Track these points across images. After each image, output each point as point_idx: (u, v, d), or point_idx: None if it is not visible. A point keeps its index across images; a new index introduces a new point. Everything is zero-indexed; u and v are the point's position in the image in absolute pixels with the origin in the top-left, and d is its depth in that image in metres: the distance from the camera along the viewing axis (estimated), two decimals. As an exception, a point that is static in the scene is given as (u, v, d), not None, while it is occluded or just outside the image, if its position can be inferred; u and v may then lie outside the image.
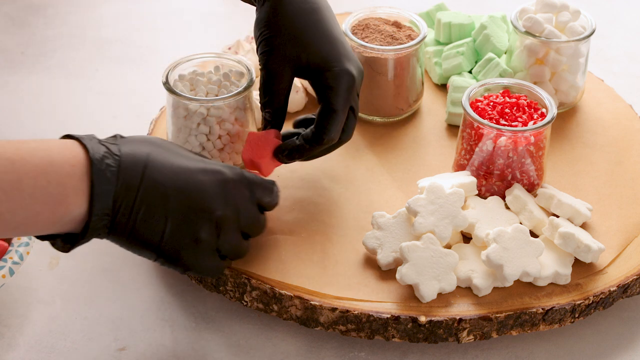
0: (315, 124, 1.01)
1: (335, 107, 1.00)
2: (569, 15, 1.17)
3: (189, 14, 1.47)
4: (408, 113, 1.18)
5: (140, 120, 1.23)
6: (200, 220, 0.89)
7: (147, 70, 1.33)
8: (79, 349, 0.97)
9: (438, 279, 0.96)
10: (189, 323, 0.99)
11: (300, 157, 1.03)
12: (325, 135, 1.01)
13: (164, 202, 0.88)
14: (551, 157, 1.11)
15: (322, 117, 1.01)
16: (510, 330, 0.96)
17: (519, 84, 1.09)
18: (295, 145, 1.02)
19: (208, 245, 0.90)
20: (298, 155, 1.02)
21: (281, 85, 1.02)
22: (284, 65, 1.01)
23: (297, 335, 0.98)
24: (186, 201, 0.89)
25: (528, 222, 1.02)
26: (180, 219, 0.88)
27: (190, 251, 0.90)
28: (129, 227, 0.87)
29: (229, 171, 0.92)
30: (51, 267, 1.05)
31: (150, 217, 0.88)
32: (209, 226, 0.90)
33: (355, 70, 1.01)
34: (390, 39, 1.15)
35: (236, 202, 0.91)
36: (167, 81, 1.06)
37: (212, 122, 1.06)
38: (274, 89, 1.02)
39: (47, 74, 1.33)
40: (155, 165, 0.88)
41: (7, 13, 1.44)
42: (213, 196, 0.90)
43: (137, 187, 0.87)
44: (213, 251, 0.91)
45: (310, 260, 1.00)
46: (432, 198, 0.99)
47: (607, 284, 0.99)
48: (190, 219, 0.89)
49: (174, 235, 0.89)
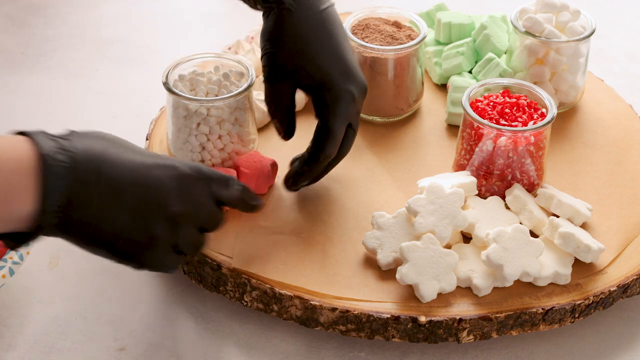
0: (312, 143, 1.02)
1: (332, 127, 1.01)
2: (569, 15, 1.17)
3: (189, 14, 1.47)
4: (408, 113, 1.18)
5: (140, 120, 1.23)
6: (156, 217, 0.87)
7: (147, 70, 1.33)
8: (79, 349, 0.97)
9: (438, 279, 0.96)
10: (189, 323, 0.99)
11: (304, 180, 1.04)
12: (321, 154, 1.01)
13: (120, 197, 0.85)
14: (551, 157, 1.11)
15: (319, 136, 1.01)
16: (510, 330, 0.96)
17: (519, 84, 1.09)
18: (296, 171, 1.03)
19: (163, 241, 0.88)
20: (301, 179, 1.03)
21: (282, 101, 1.03)
22: (283, 81, 1.02)
23: (297, 335, 0.98)
24: (142, 197, 0.86)
25: (528, 222, 1.02)
26: (136, 215, 0.86)
27: (146, 248, 0.87)
28: (82, 224, 0.84)
29: (185, 166, 0.90)
30: (51, 267, 1.05)
31: (105, 214, 0.85)
32: (165, 222, 0.87)
33: (356, 88, 1.01)
34: (391, 39, 1.15)
35: (192, 197, 0.89)
36: (167, 81, 1.06)
37: (212, 122, 1.06)
38: (276, 103, 1.03)
39: (47, 74, 1.33)
40: (111, 161, 0.85)
41: (7, 13, 1.44)
42: (169, 192, 0.88)
43: (93, 182, 0.84)
44: (169, 247, 0.89)
45: (310, 260, 1.00)
46: (432, 198, 0.99)
47: (607, 284, 0.99)
48: (145, 215, 0.86)
49: (129, 232, 0.86)
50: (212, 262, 0.99)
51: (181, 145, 1.08)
